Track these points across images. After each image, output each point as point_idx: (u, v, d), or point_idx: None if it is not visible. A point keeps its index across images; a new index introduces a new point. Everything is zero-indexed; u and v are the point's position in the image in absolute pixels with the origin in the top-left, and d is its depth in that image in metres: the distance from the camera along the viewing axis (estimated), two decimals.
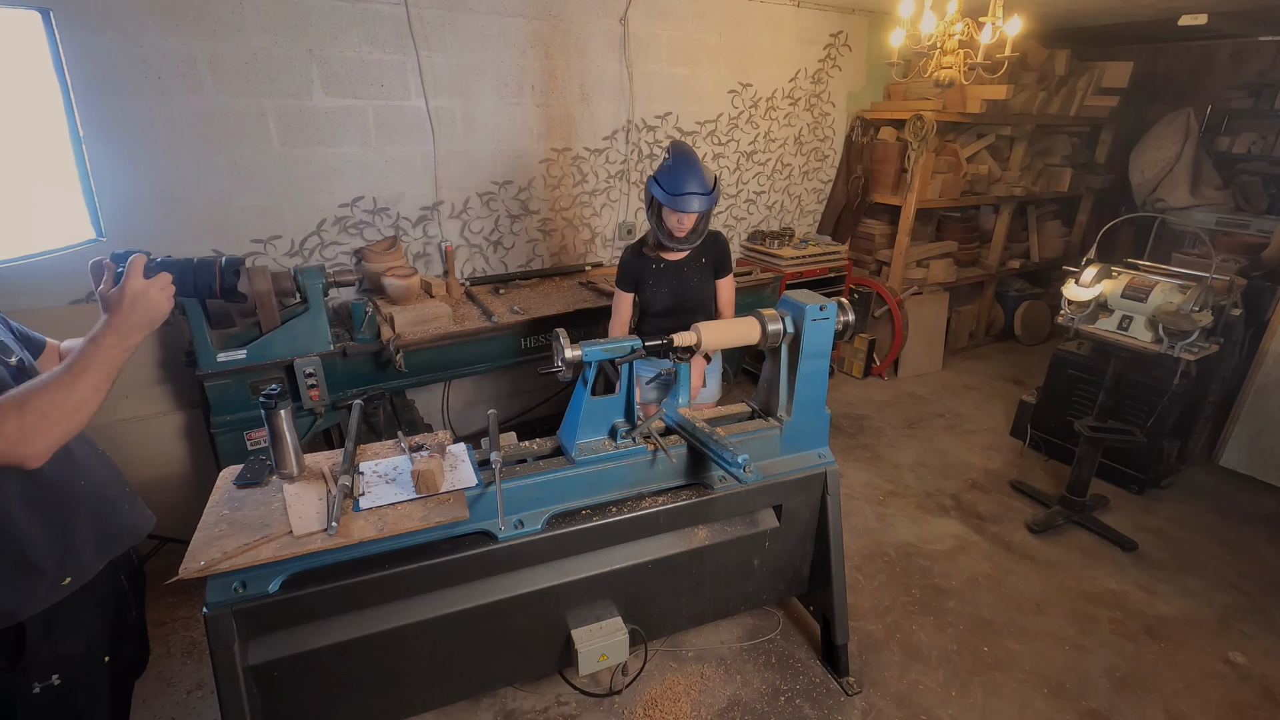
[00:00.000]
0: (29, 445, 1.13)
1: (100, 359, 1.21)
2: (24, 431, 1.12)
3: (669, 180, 2.37)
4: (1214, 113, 5.56)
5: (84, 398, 1.19)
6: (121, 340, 1.25)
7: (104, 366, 1.22)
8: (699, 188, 2.35)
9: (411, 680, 1.84)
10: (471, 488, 1.74)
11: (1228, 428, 3.80)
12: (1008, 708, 2.29)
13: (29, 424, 1.13)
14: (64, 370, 1.18)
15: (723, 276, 2.70)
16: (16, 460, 1.14)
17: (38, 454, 1.16)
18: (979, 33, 2.66)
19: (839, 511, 2.27)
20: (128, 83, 2.54)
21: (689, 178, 2.35)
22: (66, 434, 1.19)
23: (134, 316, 1.26)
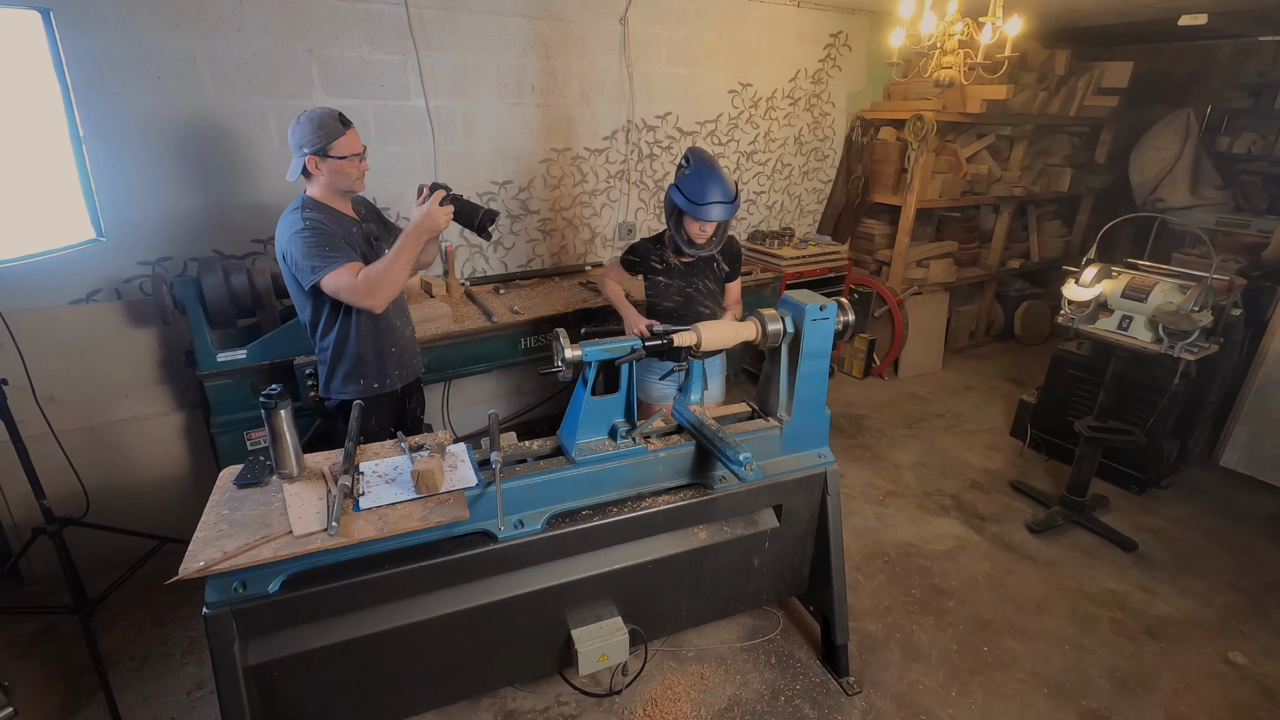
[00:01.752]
0: (374, 298, 1.95)
1: (406, 249, 1.96)
2: (371, 289, 1.94)
3: (692, 189, 2.36)
4: (1214, 113, 5.56)
5: (399, 271, 1.96)
6: (416, 239, 1.97)
7: (408, 253, 1.97)
8: (722, 196, 2.35)
9: (411, 680, 1.84)
10: (471, 488, 1.74)
11: (1228, 428, 3.80)
12: (1008, 708, 2.29)
13: (373, 286, 1.94)
14: (389, 255, 1.97)
15: (733, 280, 2.72)
16: (369, 305, 1.98)
17: (378, 303, 1.97)
18: (979, 33, 2.66)
19: (839, 511, 2.27)
20: (128, 83, 2.54)
21: (712, 186, 2.34)
22: (393, 292, 1.98)
23: (426, 224, 1.96)
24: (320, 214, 2.02)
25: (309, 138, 1.99)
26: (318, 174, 2.03)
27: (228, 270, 2.49)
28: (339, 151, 2.00)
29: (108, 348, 2.72)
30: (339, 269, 1.94)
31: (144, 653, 2.45)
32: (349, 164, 2.03)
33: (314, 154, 1.99)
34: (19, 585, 2.76)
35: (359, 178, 2.10)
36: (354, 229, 2.12)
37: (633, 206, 3.99)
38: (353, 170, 2.06)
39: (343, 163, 2.02)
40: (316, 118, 1.99)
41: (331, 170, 2.03)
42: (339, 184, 2.06)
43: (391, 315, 2.23)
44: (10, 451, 2.13)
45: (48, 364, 2.56)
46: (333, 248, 1.95)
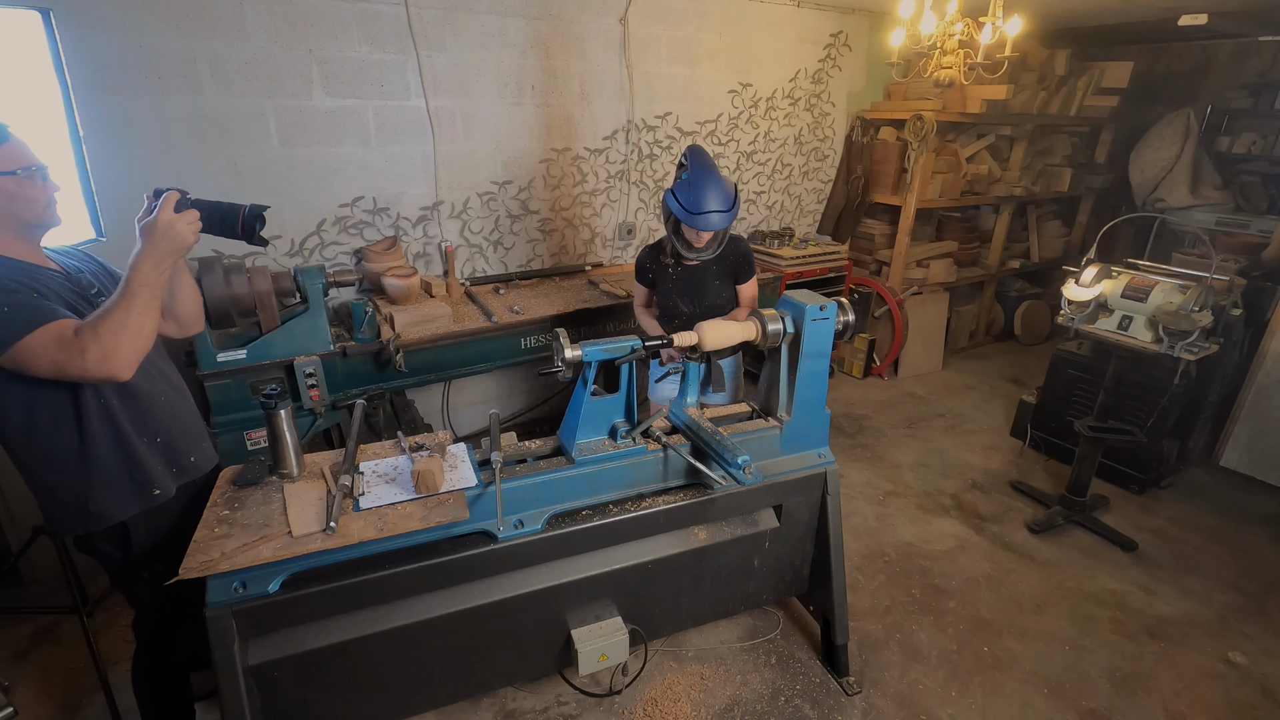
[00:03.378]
0: (113, 362, 1.34)
1: (142, 283, 1.38)
2: (105, 351, 1.32)
3: (688, 196, 2.27)
4: (1214, 113, 5.56)
5: (140, 316, 1.37)
6: (155, 266, 1.40)
7: (147, 289, 1.39)
8: (719, 204, 2.26)
9: (411, 680, 1.84)
10: (472, 488, 1.75)
11: (1228, 428, 3.80)
12: (1008, 708, 2.29)
13: (106, 345, 1.32)
14: (117, 297, 1.37)
15: (744, 281, 2.64)
16: (108, 375, 1.35)
17: (123, 368, 1.36)
18: (979, 33, 2.66)
19: (839, 511, 2.27)
20: (128, 83, 2.54)
21: (709, 194, 2.26)
22: (140, 349, 1.39)
23: (163, 245, 1.39)
24: None
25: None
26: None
27: (228, 270, 2.49)
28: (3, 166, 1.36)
29: None
30: (44, 330, 1.31)
31: None
32: (26, 184, 1.40)
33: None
34: (19, 585, 2.76)
35: (48, 204, 1.46)
36: (53, 283, 1.45)
37: (633, 206, 3.99)
38: (35, 194, 1.42)
39: (14, 181, 1.38)
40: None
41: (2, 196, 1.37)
42: (23, 213, 1.41)
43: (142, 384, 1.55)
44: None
45: None
46: (21, 304, 1.32)
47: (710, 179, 2.28)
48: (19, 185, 1.40)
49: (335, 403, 2.73)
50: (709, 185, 2.27)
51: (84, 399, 1.46)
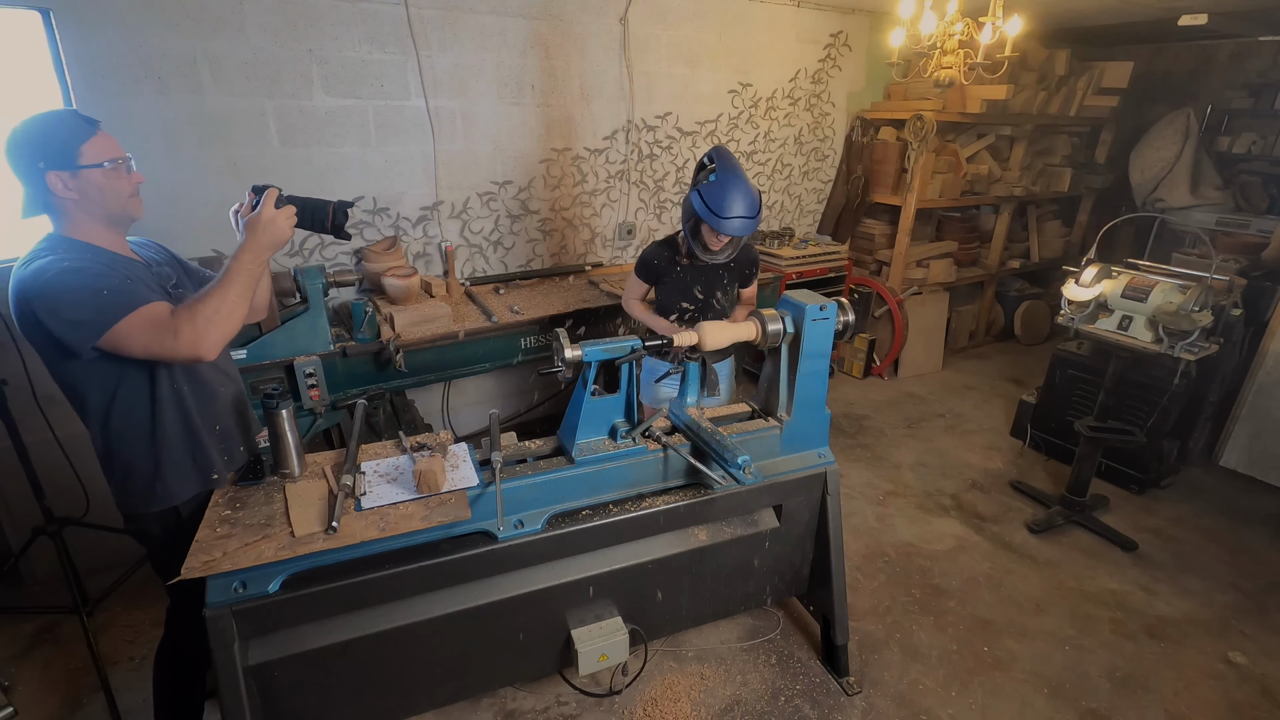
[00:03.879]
0: (202, 344, 1.41)
1: (242, 272, 1.48)
2: (197, 333, 1.40)
3: (715, 198, 2.21)
4: (1214, 113, 5.56)
5: (234, 303, 1.46)
6: (255, 257, 1.50)
7: (245, 278, 1.48)
8: (746, 210, 2.22)
9: (411, 680, 1.84)
10: (473, 487, 1.75)
11: (1228, 428, 3.80)
12: (1008, 708, 2.29)
13: (200, 328, 1.41)
14: (217, 283, 1.46)
15: (749, 285, 2.66)
16: (197, 356, 1.42)
17: (211, 349, 1.44)
18: (979, 33, 2.66)
19: (839, 511, 2.27)
20: (128, 83, 2.54)
21: (738, 199, 2.21)
22: (228, 333, 1.47)
23: (263, 238, 1.50)
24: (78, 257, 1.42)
25: (41, 150, 1.37)
26: (69, 196, 1.41)
27: None
28: (92, 158, 1.41)
29: None
30: (139, 312, 1.39)
31: (144, 653, 2.45)
32: (113, 175, 1.45)
33: (58, 170, 1.38)
34: (19, 585, 2.76)
35: (133, 195, 1.52)
36: (137, 274, 1.50)
37: (633, 206, 3.99)
38: (121, 184, 1.48)
39: (102, 173, 1.43)
40: (48, 121, 1.41)
41: (90, 187, 1.42)
42: (109, 205, 1.47)
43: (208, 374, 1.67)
44: (10, 451, 2.13)
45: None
46: (117, 287, 1.40)
47: (739, 183, 2.23)
48: (106, 177, 1.45)
49: (335, 403, 2.73)
50: (737, 190, 2.22)
51: (159, 385, 1.55)
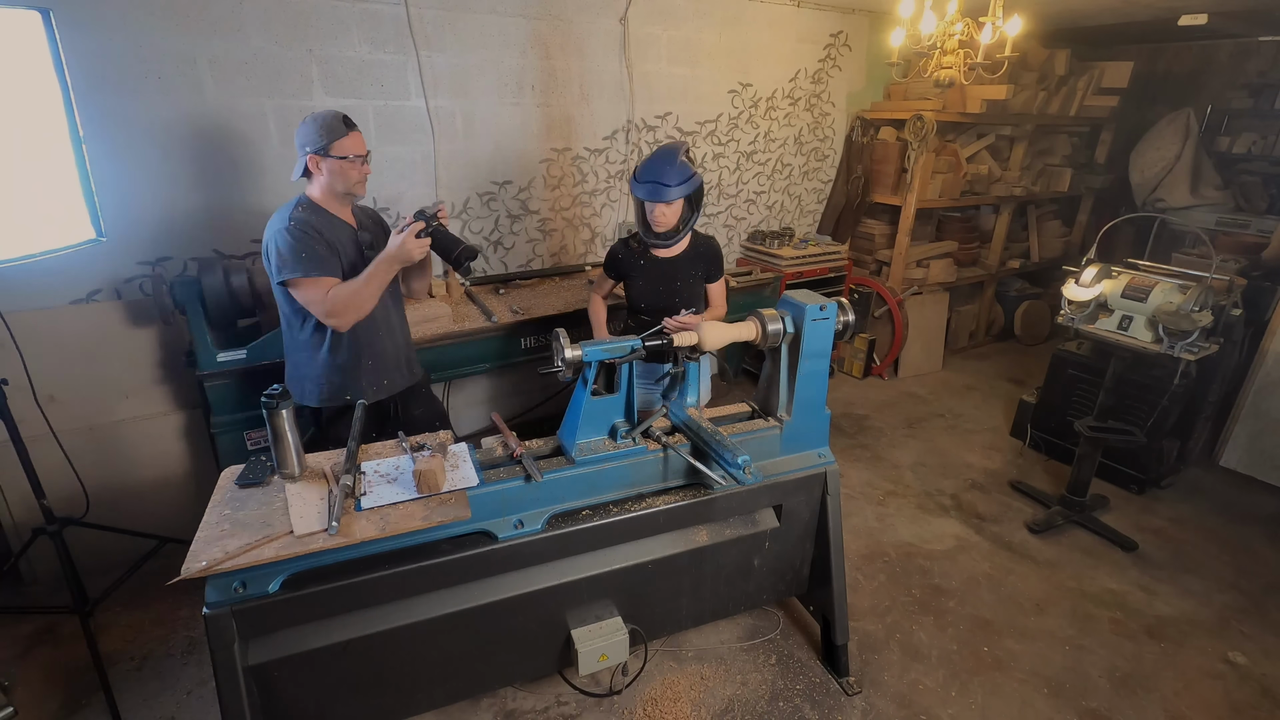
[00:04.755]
0: (335, 319, 2.01)
1: (377, 274, 2.02)
2: (333, 309, 1.99)
3: (641, 170, 2.37)
4: (1214, 113, 5.56)
5: (367, 295, 2.02)
6: (388, 267, 2.02)
7: (377, 279, 2.02)
8: (671, 179, 2.31)
9: (411, 680, 1.84)
10: (473, 487, 1.74)
11: (1228, 428, 3.80)
12: (1008, 708, 2.29)
13: (337, 307, 1.99)
14: (359, 278, 2.01)
15: (713, 281, 2.64)
16: (334, 324, 2.02)
17: (341, 325, 2.03)
18: (979, 33, 2.66)
19: (839, 511, 2.27)
20: (128, 83, 2.54)
21: (660, 168, 2.32)
22: (357, 314, 2.03)
23: (399, 254, 2.00)
24: (312, 216, 2.03)
25: (312, 137, 1.99)
26: (318, 174, 2.03)
27: (228, 270, 2.49)
28: (340, 152, 2.00)
29: (108, 348, 2.72)
30: (311, 280, 1.96)
31: (144, 653, 2.45)
32: (349, 165, 2.03)
33: (315, 153, 1.99)
34: (19, 585, 2.77)
35: (360, 181, 2.09)
36: (345, 235, 2.12)
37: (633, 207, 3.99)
38: (353, 173, 2.05)
39: (343, 163, 2.01)
40: (321, 118, 1.99)
41: (331, 171, 2.02)
42: (338, 185, 2.05)
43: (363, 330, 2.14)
44: (10, 451, 2.13)
45: (48, 364, 2.56)
46: (311, 256, 1.96)
47: (664, 158, 2.34)
48: (344, 167, 2.03)
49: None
50: (661, 161, 2.34)
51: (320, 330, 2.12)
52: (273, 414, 1.67)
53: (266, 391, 1.66)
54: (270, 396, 1.65)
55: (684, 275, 2.58)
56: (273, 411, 1.66)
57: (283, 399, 1.66)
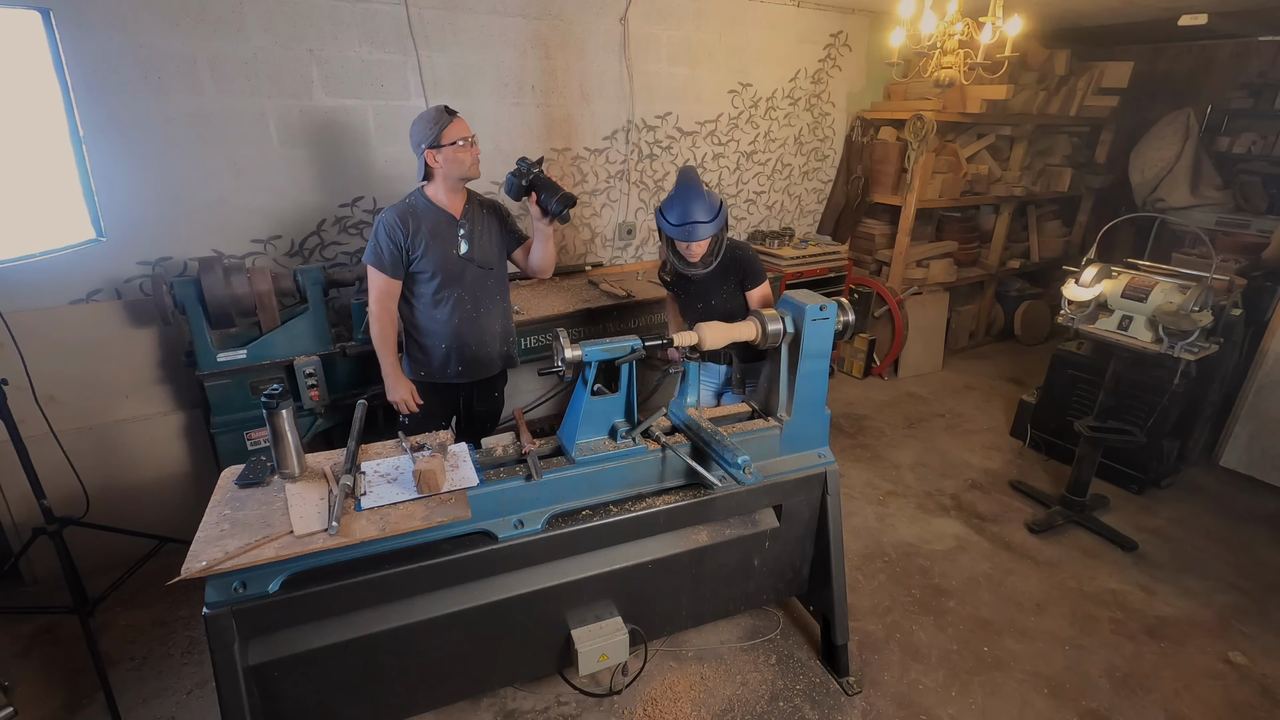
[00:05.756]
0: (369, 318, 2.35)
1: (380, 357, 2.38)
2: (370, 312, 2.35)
3: (671, 210, 2.29)
4: (1214, 113, 5.56)
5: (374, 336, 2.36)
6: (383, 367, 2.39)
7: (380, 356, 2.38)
8: (702, 215, 2.25)
9: (411, 680, 1.84)
10: (473, 487, 1.74)
11: (1228, 428, 3.80)
12: (1008, 708, 2.29)
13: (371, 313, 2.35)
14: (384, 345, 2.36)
15: (752, 288, 2.53)
16: None
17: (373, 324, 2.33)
18: (979, 33, 2.66)
19: (839, 511, 2.27)
20: (128, 83, 2.54)
21: (691, 207, 2.25)
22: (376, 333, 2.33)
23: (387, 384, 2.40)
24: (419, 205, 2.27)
25: (425, 133, 2.15)
26: (436, 166, 2.20)
27: (228, 270, 2.49)
28: (450, 139, 2.16)
29: (108, 348, 2.72)
30: (378, 274, 2.24)
31: (144, 653, 2.45)
32: (460, 150, 2.18)
33: (430, 147, 2.15)
34: (19, 585, 2.77)
35: (473, 163, 2.24)
36: (446, 226, 2.29)
37: (633, 206, 3.99)
38: (465, 155, 2.20)
39: (454, 149, 2.17)
40: (428, 115, 2.17)
41: (446, 160, 2.18)
42: (454, 172, 2.21)
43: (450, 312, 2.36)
44: (10, 451, 2.13)
45: (48, 364, 2.56)
46: (379, 253, 2.23)
47: (688, 193, 2.26)
48: (456, 151, 2.18)
49: (335, 403, 2.73)
50: (686, 199, 2.25)
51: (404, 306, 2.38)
52: (273, 414, 1.67)
53: (266, 391, 1.66)
54: (270, 396, 1.65)
55: (716, 291, 2.51)
56: (273, 411, 1.66)
57: (283, 399, 1.66)
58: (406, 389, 2.41)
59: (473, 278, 2.38)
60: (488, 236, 2.40)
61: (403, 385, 2.40)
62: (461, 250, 2.32)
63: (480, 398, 2.61)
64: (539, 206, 2.25)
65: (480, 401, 2.61)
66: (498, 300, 2.49)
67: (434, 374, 2.44)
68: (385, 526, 1.60)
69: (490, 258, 2.42)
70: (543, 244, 2.41)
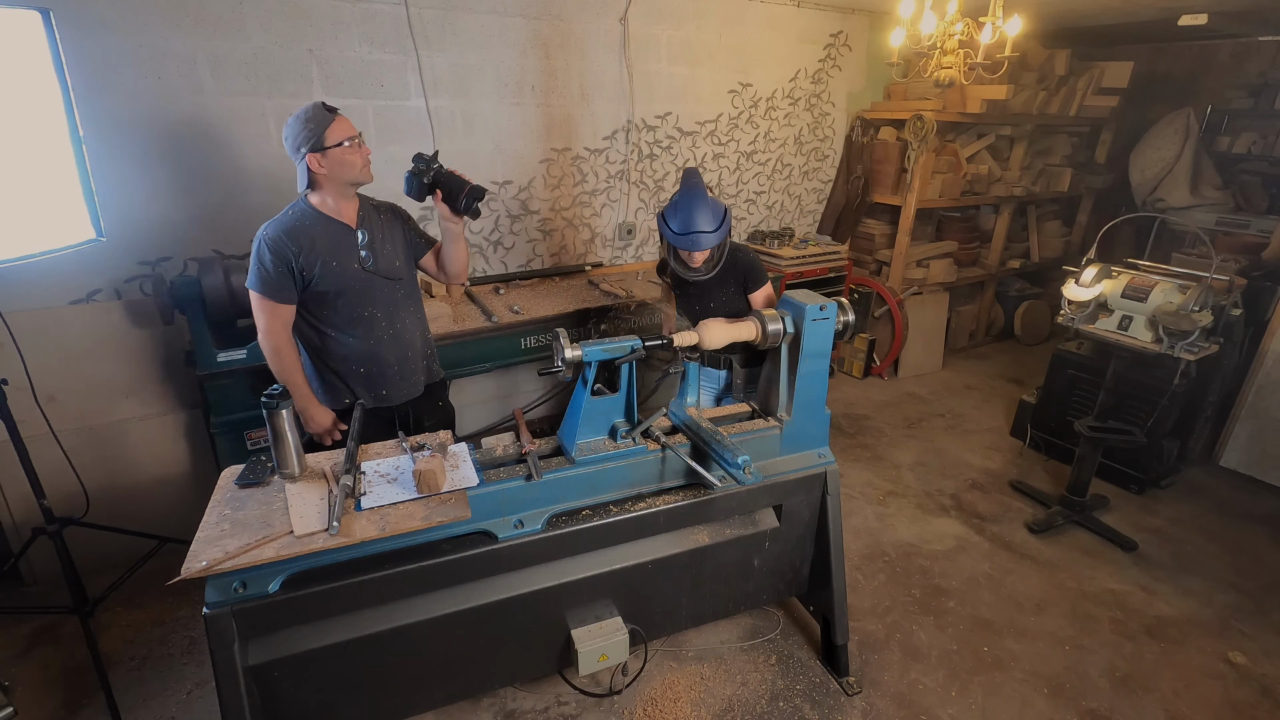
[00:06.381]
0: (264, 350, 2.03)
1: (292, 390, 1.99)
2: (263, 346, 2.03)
3: (676, 218, 2.25)
4: (1214, 113, 5.56)
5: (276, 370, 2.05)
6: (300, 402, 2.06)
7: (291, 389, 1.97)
8: (706, 225, 2.22)
9: (411, 680, 1.84)
10: (473, 487, 1.74)
11: (1228, 428, 3.80)
12: (1008, 708, 2.29)
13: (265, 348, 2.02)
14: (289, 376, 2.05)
15: (754, 290, 2.51)
16: None
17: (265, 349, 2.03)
18: (979, 33, 2.66)
19: (839, 511, 2.27)
20: (128, 83, 2.54)
21: (696, 215, 2.22)
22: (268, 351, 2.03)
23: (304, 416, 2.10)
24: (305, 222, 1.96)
25: (301, 135, 1.88)
26: (322, 171, 1.92)
27: (228, 270, 2.49)
28: (334, 139, 1.88)
29: (108, 348, 2.72)
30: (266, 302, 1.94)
31: (144, 653, 2.45)
32: (348, 151, 1.92)
33: (312, 151, 1.88)
34: (19, 585, 2.76)
35: (364, 165, 1.98)
36: (342, 239, 2.01)
37: (633, 206, 3.99)
38: (354, 157, 1.94)
39: (341, 150, 1.90)
40: (303, 114, 1.88)
41: (334, 163, 1.91)
42: (343, 176, 1.95)
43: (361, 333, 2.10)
44: (10, 451, 2.13)
45: (48, 364, 2.56)
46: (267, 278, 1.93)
47: (694, 200, 2.23)
48: (343, 153, 1.91)
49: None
50: (692, 206, 2.22)
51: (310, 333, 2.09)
52: (273, 414, 1.67)
53: (266, 391, 1.66)
54: (270, 396, 1.65)
55: (716, 294, 2.49)
56: (273, 411, 1.66)
57: (283, 399, 1.66)
58: (329, 418, 2.12)
59: (382, 292, 2.09)
60: (391, 244, 2.12)
61: (323, 414, 2.12)
62: (365, 263, 2.04)
63: (427, 412, 2.35)
64: (446, 204, 2.02)
65: (429, 416, 2.35)
66: (413, 313, 2.22)
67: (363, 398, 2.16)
68: (385, 526, 1.60)
69: (397, 268, 2.14)
70: (454, 246, 2.16)
